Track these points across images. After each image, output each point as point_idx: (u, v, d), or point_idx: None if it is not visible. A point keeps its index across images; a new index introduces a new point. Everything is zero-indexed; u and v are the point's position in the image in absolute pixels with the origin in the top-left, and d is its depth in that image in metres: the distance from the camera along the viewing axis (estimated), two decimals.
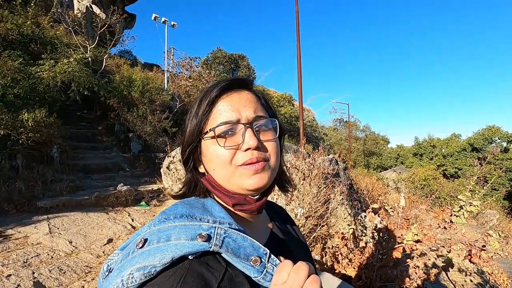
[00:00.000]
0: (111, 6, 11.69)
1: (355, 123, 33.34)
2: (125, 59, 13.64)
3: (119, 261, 0.47)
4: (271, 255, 0.47)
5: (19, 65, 6.20)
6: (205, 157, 0.56)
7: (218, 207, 0.53)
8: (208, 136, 0.53)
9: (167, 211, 0.51)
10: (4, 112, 4.93)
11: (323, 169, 3.62)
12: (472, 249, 2.24)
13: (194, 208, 0.52)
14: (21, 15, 8.35)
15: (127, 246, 0.49)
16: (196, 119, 0.55)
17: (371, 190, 8.47)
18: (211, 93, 0.55)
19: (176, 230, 0.45)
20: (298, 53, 8.46)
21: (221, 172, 0.53)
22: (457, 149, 29.34)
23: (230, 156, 0.52)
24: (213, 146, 0.53)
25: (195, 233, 0.44)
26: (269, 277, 0.46)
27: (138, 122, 8.32)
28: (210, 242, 0.44)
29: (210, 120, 0.54)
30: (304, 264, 0.44)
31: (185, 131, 0.58)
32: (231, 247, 0.45)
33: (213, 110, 0.54)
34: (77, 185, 5.60)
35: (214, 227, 0.46)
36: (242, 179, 0.52)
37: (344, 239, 2.79)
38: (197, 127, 0.55)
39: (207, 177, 0.56)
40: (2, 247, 3.23)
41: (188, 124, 0.57)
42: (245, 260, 0.45)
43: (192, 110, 0.57)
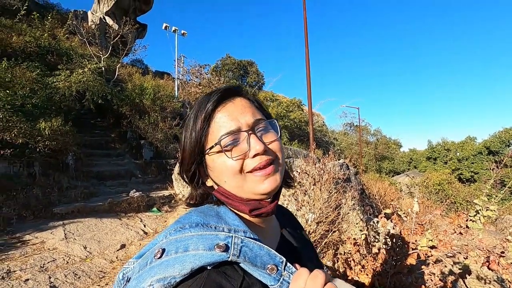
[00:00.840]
0: (123, 17, 12.05)
1: (366, 127, 32.92)
2: (136, 68, 13.99)
3: (137, 271, 0.47)
4: (287, 263, 0.48)
5: (36, 76, 6.47)
6: (213, 171, 0.55)
7: (232, 215, 0.53)
8: (214, 151, 0.53)
9: (182, 220, 0.51)
10: (23, 121, 5.13)
11: (333, 174, 3.59)
12: (490, 255, 2.17)
13: (208, 216, 0.52)
14: (39, 28, 8.73)
15: (144, 255, 0.50)
16: (194, 135, 0.55)
17: (383, 195, 8.31)
18: (206, 107, 0.54)
19: (193, 240, 0.45)
20: (307, 58, 8.48)
21: (233, 183, 0.53)
22: (472, 152, 28.50)
23: (240, 165, 0.52)
24: (221, 159, 0.53)
25: (212, 243, 0.45)
26: (286, 285, 0.46)
27: (149, 129, 8.47)
28: (228, 252, 0.44)
29: (210, 134, 0.54)
30: (321, 272, 0.44)
31: (184, 149, 0.57)
32: (248, 256, 0.45)
33: (212, 124, 0.54)
34: (91, 191, 5.73)
35: (231, 236, 0.46)
36: (255, 185, 0.53)
37: (356, 245, 2.74)
38: (198, 143, 0.55)
39: (219, 189, 0.56)
40: (20, 252, 3.33)
41: (186, 142, 0.56)
42: (262, 269, 0.45)
43: (188, 126, 0.57)
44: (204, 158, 0.56)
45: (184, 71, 14.91)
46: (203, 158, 0.56)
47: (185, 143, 0.57)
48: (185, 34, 14.16)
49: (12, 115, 5.02)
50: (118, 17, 14.91)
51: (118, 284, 0.52)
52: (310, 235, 3.12)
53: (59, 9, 14.32)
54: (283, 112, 16.65)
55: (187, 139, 0.56)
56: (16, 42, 7.65)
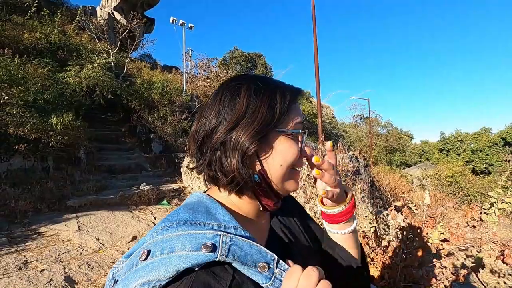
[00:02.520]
0: (131, 12, 12.09)
1: (376, 119, 32.41)
2: (145, 62, 14.07)
3: (123, 272, 0.45)
4: (279, 260, 0.46)
5: (48, 72, 6.59)
6: (273, 151, 0.53)
7: (222, 210, 0.51)
8: (289, 132, 0.54)
9: (170, 218, 0.49)
10: (36, 117, 5.25)
11: (342, 166, 3.55)
12: (505, 249, 2.11)
13: (198, 212, 0.50)
14: (49, 25, 8.84)
15: (131, 256, 0.48)
16: (276, 107, 0.52)
17: (394, 187, 8.20)
18: (291, 91, 0.56)
19: (180, 240, 0.44)
20: (315, 50, 8.34)
21: (284, 170, 0.53)
22: (487, 143, 27.72)
23: (297, 158, 0.54)
24: (288, 142, 0.53)
25: (199, 243, 0.43)
26: (278, 283, 0.44)
27: (158, 123, 8.56)
28: (216, 252, 0.43)
29: (289, 117, 0.54)
30: (314, 270, 0.42)
31: (255, 115, 0.51)
32: (238, 255, 0.44)
33: (291, 108, 0.55)
34: (102, 185, 5.85)
35: (219, 234, 0.44)
36: (291, 182, 0.56)
37: (365, 237, 2.72)
38: (278, 116, 0.52)
39: (262, 171, 0.53)
40: (37, 244, 3.45)
41: (259, 109, 0.51)
42: (253, 267, 0.44)
43: (266, 95, 0.52)
44: (270, 134, 0.52)
45: (192, 64, 14.92)
46: (270, 135, 0.52)
47: (257, 111, 0.51)
48: (192, 28, 14.09)
49: (25, 111, 5.14)
50: (126, 12, 14.97)
51: (109, 283, 0.51)
52: None
53: (69, 5, 14.44)
54: None
55: (263, 108, 0.51)
56: (27, 39, 7.78)
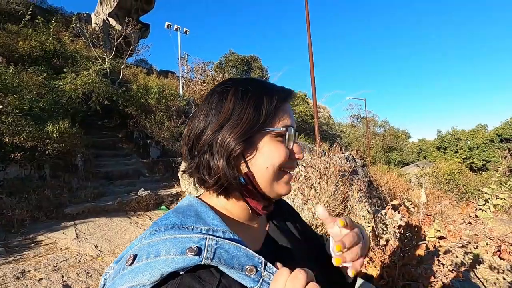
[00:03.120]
0: (126, 18, 12.10)
1: (373, 118, 32.53)
2: (141, 67, 14.07)
3: (111, 278, 0.45)
4: (267, 263, 0.46)
5: (43, 80, 6.57)
6: (258, 153, 0.52)
7: (212, 214, 0.51)
8: (276, 133, 0.53)
9: (159, 222, 0.49)
10: (31, 125, 5.23)
11: (339, 166, 3.57)
12: (501, 244, 2.12)
13: (187, 216, 0.50)
14: (44, 32, 8.84)
15: (120, 261, 0.48)
16: (262, 109, 0.52)
17: (392, 186, 8.22)
18: (280, 93, 0.55)
19: (165, 244, 0.43)
20: (310, 51, 8.39)
21: (271, 172, 0.52)
22: (484, 140, 27.89)
23: (286, 159, 0.53)
24: (274, 144, 0.53)
25: (184, 247, 0.43)
26: (266, 286, 0.44)
27: (155, 128, 8.54)
28: (201, 255, 0.42)
29: (276, 118, 0.54)
30: (302, 272, 0.41)
31: (240, 117, 0.51)
32: (224, 258, 0.44)
33: (279, 110, 0.54)
34: (100, 191, 5.82)
35: (205, 238, 0.44)
36: (281, 184, 0.54)
37: None
38: (264, 118, 0.52)
39: (248, 173, 0.52)
40: (34, 252, 3.42)
41: (245, 111, 0.51)
42: (240, 270, 0.44)
43: (253, 97, 0.52)
44: (256, 136, 0.52)
45: (188, 69, 14.94)
46: (256, 136, 0.52)
47: (242, 113, 0.51)
48: (187, 32, 14.13)
49: (20, 119, 5.12)
50: (121, 18, 14.99)
51: None
52: (317, 228, 3.12)
53: (63, 12, 14.45)
54: None
55: (249, 110, 0.51)
56: (22, 47, 7.77)
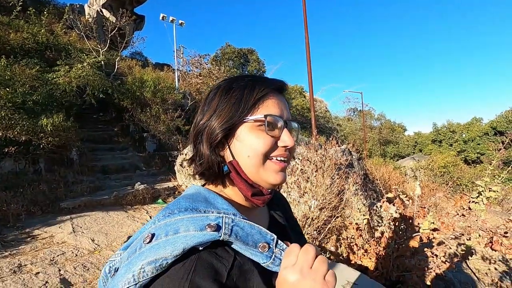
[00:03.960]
0: (120, 9, 11.87)
1: (370, 112, 32.64)
2: (136, 60, 13.90)
3: (125, 259, 0.47)
4: (278, 240, 0.49)
5: (36, 73, 6.45)
6: (240, 143, 0.55)
7: (220, 200, 0.54)
8: (256, 120, 0.54)
9: (170, 206, 0.51)
10: (25, 118, 5.16)
11: (335, 160, 3.58)
12: (493, 236, 2.16)
13: (197, 201, 0.52)
14: (36, 24, 8.65)
15: (132, 245, 0.50)
16: (241, 103, 0.55)
17: (387, 179, 8.29)
18: (265, 86, 0.56)
19: (183, 222, 0.46)
20: (307, 44, 8.33)
21: (254, 161, 0.54)
22: (478, 133, 28.17)
23: (269, 147, 0.54)
24: (255, 134, 0.54)
25: (203, 224, 0.45)
26: (278, 261, 0.47)
27: (151, 121, 8.48)
28: (220, 231, 0.45)
29: (257, 109, 0.55)
30: (311, 246, 0.45)
31: (217, 112, 0.55)
32: (240, 235, 0.46)
33: (263, 102, 0.55)
34: (96, 185, 5.80)
35: (221, 217, 0.47)
36: (269, 172, 0.55)
37: (359, 229, 2.76)
38: (243, 110, 0.54)
39: (233, 162, 0.55)
40: (31, 247, 3.42)
41: (223, 107, 0.55)
42: (254, 247, 0.47)
43: (233, 93, 0.56)
44: (236, 127, 0.55)
45: (184, 62, 14.76)
46: (236, 127, 0.55)
47: (222, 108, 0.55)
48: (183, 24, 13.92)
49: (13, 113, 5.05)
50: (115, 9, 14.71)
51: (104, 278, 0.52)
52: (313, 221, 3.15)
53: (55, 3, 14.13)
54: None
55: (227, 104, 0.55)
56: (14, 39, 7.60)
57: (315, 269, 0.43)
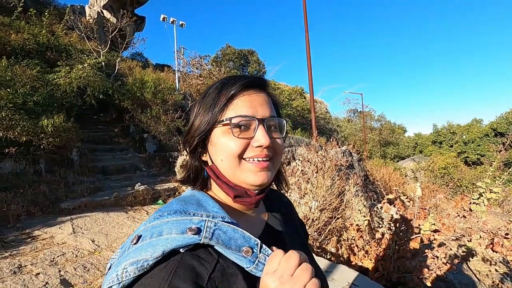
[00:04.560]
0: (121, 10, 11.89)
1: (370, 113, 32.61)
2: (137, 61, 13.90)
3: (117, 258, 0.49)
4: (262, 245, 0.48)
5: (37, 73, 6.46)
6: (214, 147, 0.56)
7: (212, 202, 0.54)
8: (223, 124, 0.54)
9: (163, 209, 0.52)
10: (25, 119, 5.16)
11: (336, 161, 3.58)
12: (494, 237, 2.16)
13: (189, 204, 0.53)
14: (37, 25, 8.67)
15: (125, 244, 0.52)
16: (211, 108, 0.55)
17: (387, 180, 8.29)
18: (232, 86, 0.55)
19: (168, 225, 0.47)
20: (307, 44, 8.34)
21: (228, 164, 0.54)
22: (479, 134, 28.14)
23: (241, 149, 0.53)
24: (226, 137, 0.54)
25: (185, 227, 0.46)
26: (261, 266, 0.47)
27: (152, 122, 8.48)
28: (200, 235, 0.45)
29: (225, 111, 0.55)
30: (295, 253, 0.44)
31: (195, 118, 0.58)
32: (222, 239, 0.46)
33: (232, 103, 0.55)
34: (97, 186, 5.80)
35: (204, 220, 0.47)
36: (247, 173, 0.54)
37: (359, 231, 2.75)
38: (213, 115, 0.55)
39: (212, 166, 0.57)
40: (31, 247, 3.41)
41: (199, 112, 0.58)
42: (237, 251, 0.46)
43: (207, 98, 0.58)
44: (211, 131, 0.56)
45: (184, 63, 14.78)
46: (211, 131, 0.56)
47: (197, 112, 0.58)
48: (183, 25, 13.95)
49: (14, 113, 5.05)
50: (115, 10, 14.74)
51: None
52: (313, 222, 3.14)
53: (56, 4, 14.15)
54: (285, 100, 16.55)
55: (202, 109, 0.57)
56: (14, 40, 7.61)
57: (296, 277, 0.42)
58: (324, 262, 2.52)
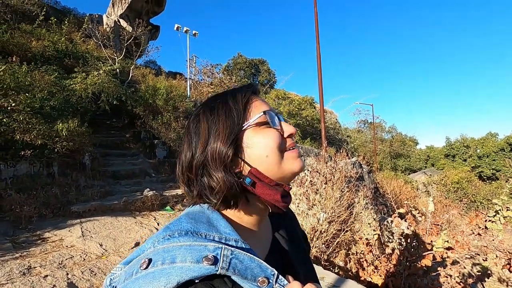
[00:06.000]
0: (136, 19, 12.26)
1: (380, 124, 32.23)
2: (150, 68, 14.22)
3: (122, 280, 0.45)
4: (279, 275, 0.46)
5: (54, 79, 6.69)
6: (251, 148, 0.53)
7: (223, 222, 0.52)
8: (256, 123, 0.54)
9: (171, 227, 0.49)
10: (42, 123, 5.32)
11: (345, 172, 3.53)
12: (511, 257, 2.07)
13: (199, 223, 0.50)
14: (56, 33, 9.01)
15: (130, 264, 0.48)
16: (232, 112, 0.54)
17: (398, 193, 8.11)
18: (245, 93, 0.57)
19: (181, 251, 0.44)
20: (318, 56, 8.37)
21: (274, 158, 0.53)
22: (494, 149, 27.40)
23: (280, 140, 0.54)
24: (261, 133, 0.54)
25: (201, 255, 0.43)
26: None
27: (162, 129, 8.61)
28: (217, 265, 0.43)
29: (248, 112, 0.55)
30: (313, 286, 0.43)
31: (218, 128, 0.53)
32: (238, 268, 0.44)
33: (250, 105, 0.56)
34: (107, 190, 5.88)
35: (221, 248, 0.45)
36: (291, 161, 0.55)
37: (369, 245, 2.69)
38: (237, 118, 0.54)
39: (252, 170, 0.53)
40: (41, 249, 3.47)
41: (218, 121, 0.54)
42: (252, 281, 0.44)
43: (220, 108, 0.55)
44: (240, 137, 0.53)
45: (196, 71, 15.06)
46: (240, 137, 0.54)
47: (217, 124, 0.53)
48: (196, 34, 14.27)
49: (31, 117, 5.22)
50: (131, 19, 15.18)
51: None
52: (321, 234, 3.09)
53: (76, 13, 14.73)
54: (295, 110, 16.54)
55: (221, 119, 0.54)
56: (35, 47, 7.93)
57: None
58: (332, 276, 2.46)
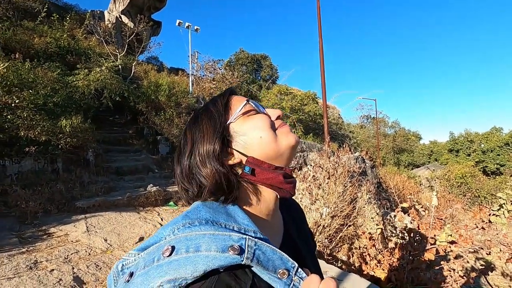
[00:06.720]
0: (138, 15, 12.23)
1: (383, 119, 32.07)
2: (152, 65, 14.21)
3: (142, 266, 0.45)
4: (299, 268, 0.47)
5: (57, 76, 6.71)
6: (243, 135, 0.55)
7: (241, 213, 0.52)
8: (242, 113, 0.57)
9: (190, 215, 0.50)
10: (45, 119, 5.35)
11: (348, 167, 3.53)
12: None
13: (218, 213, 0.50)
14: (59, 29, 9.02)
15: (149, 250, 0.48)
16: (215, 112, 0.57)
17: (401, 188, 8.09)
18: (225, 93, 0.61)
19: (205, 239, 0.44)
20: (321, 49, 8.31)
21: (268, 137, 0.55)
22: (498, 143, 27.17)
23: (269, 120, 0.57)
24: (251, 119, 0.57)
25: (226, 245, 0.43)
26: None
27: (165, 125, 8.63)
28: (242, 256, 0.43)
29: (230, 108, 0.58)
30: (333, 281, 0.43)
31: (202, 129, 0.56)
32: (261, 259, 0.45)
33: (230, 102, 0.59)
34: (110, 186, 5.92)
35: (245, 238, 0.45)
36: (286, 136, 0.57)
37: (372, 239, 2.69)
38: (222, 115, 0.56)
39: (249, 159, 0.54)
40: (46, 244, 3.51)
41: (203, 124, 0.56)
42: (273, 273, 0.45)
43: (202, 114, 0.59)
44: (228, 130, 0.56)
45: (198, 66, 15.01)
46: (228, 130, 0.56)
47: (202, 126, 0.57)
48: (198, 30, 14.20)
49: (35, 114, 5.25)
50: (133, 15, 15.14)
51: (115, 274, 0.50)
52: (324, 229, 3.10)
53: (78, 9, 14.68)
54: (298, 105, 16.45)
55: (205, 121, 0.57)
56: (37, 44, 7.94)
57: None
58: (335, 270, 2.47)
